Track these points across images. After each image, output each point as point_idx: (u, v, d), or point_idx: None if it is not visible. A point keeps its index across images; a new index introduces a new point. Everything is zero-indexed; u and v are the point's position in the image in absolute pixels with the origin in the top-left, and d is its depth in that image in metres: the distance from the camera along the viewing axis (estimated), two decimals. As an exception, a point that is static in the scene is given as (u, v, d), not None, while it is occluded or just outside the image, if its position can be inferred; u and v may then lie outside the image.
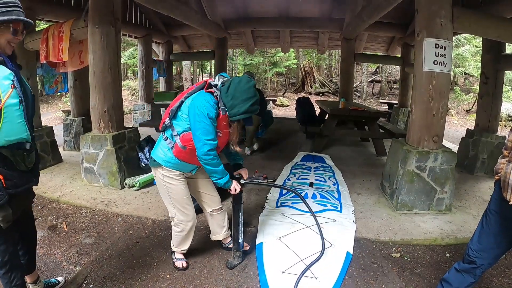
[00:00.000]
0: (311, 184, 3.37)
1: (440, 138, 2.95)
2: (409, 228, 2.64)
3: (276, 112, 11.56)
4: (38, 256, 2.11)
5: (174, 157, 1.83)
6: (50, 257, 2.22)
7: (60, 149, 4.59)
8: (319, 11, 6.79)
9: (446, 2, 2.77)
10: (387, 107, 9.45)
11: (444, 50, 2.78)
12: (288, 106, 13.23)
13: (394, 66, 14.08)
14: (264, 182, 2.25)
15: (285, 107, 13.17)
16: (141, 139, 3.93)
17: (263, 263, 2.01)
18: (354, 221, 2.61)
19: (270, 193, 3.17)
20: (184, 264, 2.07)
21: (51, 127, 4.38)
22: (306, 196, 2.98)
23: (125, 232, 2.55)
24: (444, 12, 2.76)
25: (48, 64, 3.95)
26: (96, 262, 2.13)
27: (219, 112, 1.75)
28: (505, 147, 1.49)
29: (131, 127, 3.87)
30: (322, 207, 2.76)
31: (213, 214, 2.13)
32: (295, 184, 3.39)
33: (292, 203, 2.84)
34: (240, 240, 2.06)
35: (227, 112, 1.76)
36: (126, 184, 3.42)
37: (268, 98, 11.30)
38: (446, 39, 2.79)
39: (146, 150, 3.81)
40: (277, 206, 2.83)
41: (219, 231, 2.20)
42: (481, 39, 5.21)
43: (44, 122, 4.80)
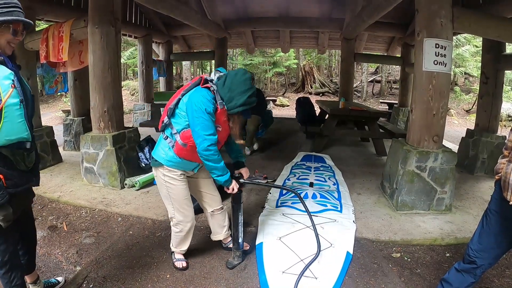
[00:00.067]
0: (311, 184, 3.37)
1: (440, 138, 2.95)
2: (409, 228, 2.64)
3: (276, 112, 11.56)
4: (38, 256, 2.11)
5: (175, 155, 1.83)
6: (50, 257, 2.22)
7: (60, 149, 4.59)
8: (319, 11, 6.79)
9: (446, 2, 2.77)
10: (387, 107, 9.45)
11: (444, 50, 2.78)
12: (288, 106, 13.23)
13: (394, 66, 14.09)
14: (264, 182, 2.25)
15: (285, 107, 13.16)
16: (141, 139, 3.93)
17: (263, 263, 2.01)
18: (354, 221, 2.61)
19: (270, 193, 3.17)
20: (184, 264, 2.07)
21: (51, 127, 4.38)
22: (306, 196, 2.98)
23: (125, 232, 2.55)
24: (444, 12, 2.76)
25: (48, 64, 3.95)
26: (96, 262, 2.13)
27: (217, 107, 1.75)
28: (505, 147, 1.49)
29: (131, 127, 3.87)
30: (322, 207, 2.76)
31: (214, 214, 2.13)
32: (295, 184, 3.39)
33: (292, 203, 2.84)
34: (240, 240, 2.06)
35: (225, 105, 1.76)
36: (126, 184, 3.42)
37: (268, 98, 11.28)
38: (446, 39, 2.79)
39: (146, 150, 3.81)
40: (277, 206, 2.83)
41: (220, 231, 2.20)
42: (481, 39, 5.22)
43: (44, 122, 4.80)
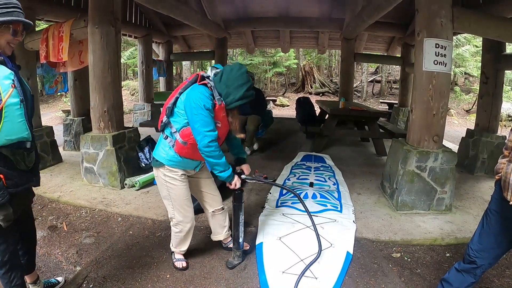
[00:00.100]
0: (311, 184, 3.37)
1: (440, 138, 2.94)
2: (409, 228, 2.64)
3: (276, 112, 11.55)
4: (38, 256, 2.11)
5: (176, 154, 1.83)
6: (50, 257, 2.22)
7: (60, 149, 4.59)
8: (319, 11, 6.78)
9: (446, 2, 2.77)
10: (387, 107, 9.45)
11: (444, 50, 2.78)
12: (288, 106, 13.23)
13: (394, 66, 14.08)
14: (264, 181, 2.25)
15: (285, 107, 13.16)
16: (141, 139, 3.93)
17: (263, 263, 2.01)
18: (354, 221, 2.61)
19: (270, 193, 3.17)
20: (184, 264, 2.07)
21: (51, 127, 4.38)
22: (306, 196, 2.98)
23: (125, 232, 2.55)
24: (444, 12, 2.76)
25: (48, 64, 3.95)
26: (96, 262, 2.13)
27: (215, 103, 1.75)
28: (505, 147, 1.49)
29: (131, 127, 3.87)
30: (322, 207, 2.76)
31: (215, 215, 2.13)
32: (295, 184, 3.39)
33: (292, 203, 2.84)
34: (240, 240, 2.06)
35: (223, 101, 1.76)
36: (126, 184, 3.42)
37: (268, 98, 11.28)
38: (446, 39, 2.79)
39: (146, 150, 3.81)
40: (277, 206, 2.83)
41: (220, 231, 2.20)
42: (481, 39, 5.22)
43: (44, 122, 4.80)
